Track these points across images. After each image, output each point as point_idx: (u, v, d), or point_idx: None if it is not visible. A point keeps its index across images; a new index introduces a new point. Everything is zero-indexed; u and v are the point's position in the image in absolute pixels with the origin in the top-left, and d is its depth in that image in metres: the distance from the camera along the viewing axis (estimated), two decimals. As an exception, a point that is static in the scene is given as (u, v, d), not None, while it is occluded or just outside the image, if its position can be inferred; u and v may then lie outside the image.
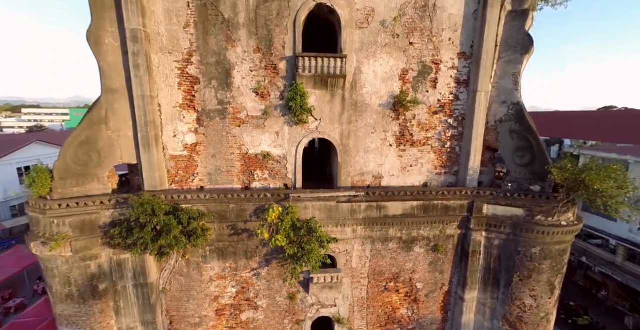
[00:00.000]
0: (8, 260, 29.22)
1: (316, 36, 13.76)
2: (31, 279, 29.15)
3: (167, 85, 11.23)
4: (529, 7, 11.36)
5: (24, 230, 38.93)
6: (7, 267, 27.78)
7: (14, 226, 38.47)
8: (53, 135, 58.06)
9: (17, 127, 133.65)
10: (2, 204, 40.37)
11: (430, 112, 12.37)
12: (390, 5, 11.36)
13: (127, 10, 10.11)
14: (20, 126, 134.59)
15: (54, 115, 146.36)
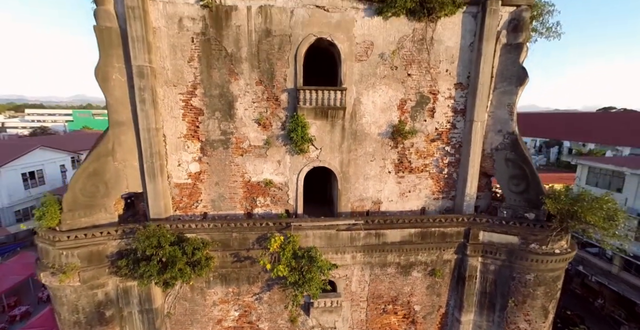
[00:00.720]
0: (13, 267, 29.68)
1: (316, 63, 14.06)
2: (36, 286, 29.65)
3: (171, 116, 11.57)
4: (523, 40, 11.66)
5: (28, 235, 39.36)
6: (12, 275, 28.25)
7: (18, 231, 38.84)
8: (56, 140, 58.60)
9: (20, 127, 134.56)
10: (7, 209, 40.76)
11: (428, 140, 12.69)
12: (388, 38, 11.67)
13: (134, 48, 10.45)
14: (24, 126, 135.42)
15: (57, 116, 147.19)
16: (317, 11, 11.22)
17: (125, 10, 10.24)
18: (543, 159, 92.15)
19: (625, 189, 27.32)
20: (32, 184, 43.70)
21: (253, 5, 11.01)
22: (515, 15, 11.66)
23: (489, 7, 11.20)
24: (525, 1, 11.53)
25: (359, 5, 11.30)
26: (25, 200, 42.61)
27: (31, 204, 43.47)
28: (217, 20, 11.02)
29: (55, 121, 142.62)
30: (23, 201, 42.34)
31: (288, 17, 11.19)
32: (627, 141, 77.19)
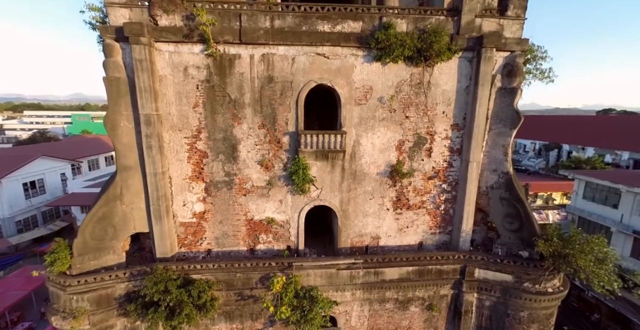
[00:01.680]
0: (16, 282, 29.92)
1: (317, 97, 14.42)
2: (39, 301, 29.92)
3: (177, 159, 11.95)
4: (517, 85, 12.04)
5: (29, 245, 39.61)
6: (15, 290, 28.50)
7: (19, 242, 38.98)
8: (56, 147, 58.77)
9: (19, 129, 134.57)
10: (8, 220, 41.00)
11: (426, 178, 13.08)
12: (387, 83, 12.05)
13: (142, 98, 10.82)
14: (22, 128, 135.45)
15: (55, 117, 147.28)
16: (317, 58, 11.59)
17: (133, 63, 10.58)
18: (542, 163, 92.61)
19: (620, 206, 27.72)
20: (33, 194, 43.98)
21: (256, 53, 11.38)
22: (510, 60, 12.04)
23: (484, 54, 11.58)
24: (519, 47, 11.90)
25: (358, 52, 11.67)
26: (27, 210, 42.88)
27: (32, 214, 43.81)
28: (221, 68, 11.38)
29: (54, 123, 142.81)
30: (24, 211, 42.60)
31: (290, 64, 11.56)
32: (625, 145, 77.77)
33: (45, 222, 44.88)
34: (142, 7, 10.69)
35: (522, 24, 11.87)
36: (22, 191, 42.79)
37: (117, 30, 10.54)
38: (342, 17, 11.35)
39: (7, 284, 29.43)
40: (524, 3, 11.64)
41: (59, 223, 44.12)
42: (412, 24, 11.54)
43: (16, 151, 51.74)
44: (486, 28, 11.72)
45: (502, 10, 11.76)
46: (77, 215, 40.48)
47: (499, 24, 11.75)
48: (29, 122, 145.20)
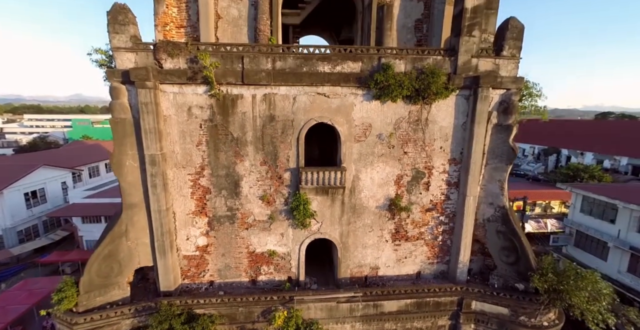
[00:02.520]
0: (18, 295, 30.06)
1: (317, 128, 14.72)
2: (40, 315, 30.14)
3: (180, 195, 12.24)
4: (512, 122, 12.34)
5: (30, 254, 39.69)
6: (17, 304, 28.69)
7: (21, 252, 39.10)
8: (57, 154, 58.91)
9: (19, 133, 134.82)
10: (10, 230, 41.20)
11: (424, 210, 13.37)
12: (386, 120, 12.35)
13: (147, 139, 11.11)
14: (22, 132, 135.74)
15: (55, 121, 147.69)
16: (318, 98, 11.89)
17: (138, 105, 10.88)
18: (541, 167, 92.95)
19: (618, 221, 27.99)
20: (34, 203, 44.22)
21: (258, 93, 11.67)
22: (505, 98, 12.34)
23: (480, 94, 11.88)
24: (515, 85, 12.20)
25: (358, 92, 11.97)
26: (28, 219, 43.10)
27: (33, 223, 44.01)
28: (224, 108, 11.68)
29: (53, 126, 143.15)
30: (25, 221, 42.83)
31: (291, 103, 11.86)
32: (624, 151, 77.94)
33: (46, 232, 45.13)
34: (148, 51, 10.98)
35: (517, 63, 12.17)
36: (24, 201, 43.05)
37: (124, 73, 10.84)
38: (342, 58, 11.64)
39: (9, 297, 29.56)
40: (518, 44, 11.94)
41: (60, 232, 44.35)
42: (410, 64, 11.84)
43: (17, 160, 51.93)
44: (482, 67, 12.02)
45: (497, 50, 12.06)
46: (79, 225, 40.77)
47: (494, 64, 12.05)
48: (29, 126, 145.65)
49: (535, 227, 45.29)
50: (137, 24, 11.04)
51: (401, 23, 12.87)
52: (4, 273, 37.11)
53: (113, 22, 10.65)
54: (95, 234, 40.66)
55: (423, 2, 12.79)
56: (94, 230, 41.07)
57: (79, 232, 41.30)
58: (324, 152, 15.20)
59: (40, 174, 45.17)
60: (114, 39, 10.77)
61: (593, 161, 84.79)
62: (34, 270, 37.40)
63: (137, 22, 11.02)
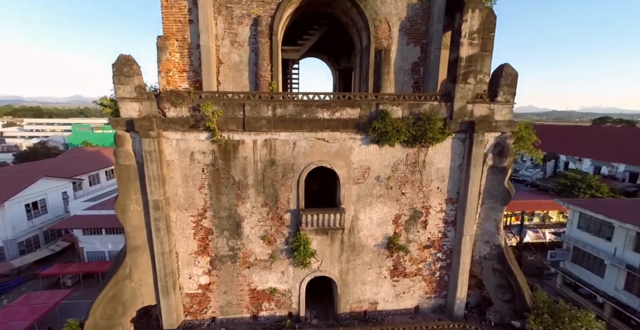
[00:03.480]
0: (19, 311, 30.25)
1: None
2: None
3: (183, 236, 12.53)
4: (507, 165, 12.65)
5: (30, 266, 39.78)
6: (19, 320, 28.89)
7: (21, 264, 39.19)
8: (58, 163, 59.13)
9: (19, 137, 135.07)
10: (11, 242, 41.39)
11: (421, 248, 13.67)
12: (384, 163, 12.66)
13: (150, 185, 11.42)
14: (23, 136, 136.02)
15: (55, 125, 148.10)
16: (317, 142, 12.20)
17: (142, 154, 11.18)
18: (540, 173, 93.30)
19: (614, 239, 28.29)
20: (35, 214, 44.54)
21: (259, 139, 11.98)
22: (500, 141, 12.65)
23: (476, 139, 12.19)
24: (509, 129, 12.52)
25: (357, 136, 12.27)
26: (29, 231, 43.38)
27: (34, 234, 44.24)
28: (226, 153, 11.98)
29: (53, 130, 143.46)
30: (26, 232, 43.11)
31: (291, 148, 12.17)
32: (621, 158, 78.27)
33: (47, 242, 45.37)
34: (151, 100, 11.27)
35: (511, 108, 12.49)
36: (24, 212, 43.37)
37: (128, 123, 11.15)
38: (341, 105, 11.95)
39: (11, 313, 29.76)
40: (512, 90, 12.26)
41: (60, 243, 44.64)
42: (407, 109, 12.15)
43: (18, 170, 52.05)
44: (477, 112, 12.33)
45: (492, 96, 12.38)
46: (79, 237, 41.05)
47: (489, 109, 12.36)
48: (29, 130, 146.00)
49: (534, 237, 45.69)
50: (142, 74, 11.34)
51: (398, 66, 13.17)
52: (4, 286, 37.30)
53: (118, 73, 10.95)
54: (96, 245, 41.07)
55: (420, 46, 13.10)
56: (95, 241, 41.42)
57: (80, 243, 41.59)
58: (323, 186, 15.49)
59: (41, 185, 45.50)
60: (119, 89, 11.08)
61: (591, 168, 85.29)
62: (35, 282, 37.65)
63: (142, 72, 11.32)
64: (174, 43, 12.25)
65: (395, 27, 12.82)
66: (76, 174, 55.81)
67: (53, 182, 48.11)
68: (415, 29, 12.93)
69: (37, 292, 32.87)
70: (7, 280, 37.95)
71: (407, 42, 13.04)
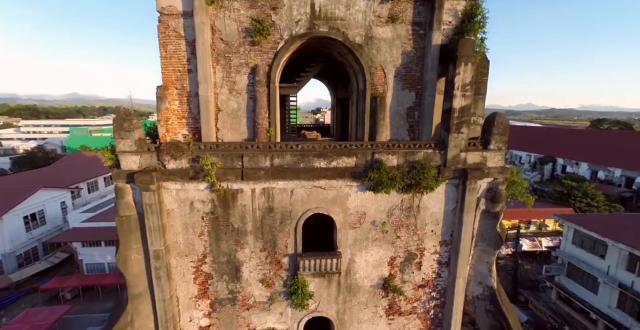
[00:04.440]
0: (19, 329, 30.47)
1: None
2: (42, 348, 30.54)
3: (184, 281, 12.82)
4: (500, 210, 12.98)
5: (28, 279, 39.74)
6: (19, 339, 29.05)
7: (20, 278, 39.16)
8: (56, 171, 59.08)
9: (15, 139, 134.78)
10: (9, 255, 41.32)
11: (416, 287, 14.01)
12: (379, 208, 12.96)
13: (151, 236, 11.69)
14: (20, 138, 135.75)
15: (53, 126, 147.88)
16: (314, 190, 12.48)
17: (143, 206, 11.43)
18: (537, 176, 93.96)
19: (608, 257, 28.76)
20: (33, 226, 44.48)
21: (257, 187, 12.25)
22: (493, 186, 12.97)
23: (469, 186, 12.50)
24: (502, 175, 12.84)
25: (353, 183, 12.56)
26: (27, 243, 43.34)
27: (33, 246, 44.23)
28: (225, 202, 12.25)
29: (51, 132, 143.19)
30: (25, 244, 43.05)
31: (289, 196, 12.45)
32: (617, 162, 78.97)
33: (45, 254, 45.39)
34: (151, 152, 11.52)
35: (503, 155, 12.79)
36: (23, 224, 43.35)
37: (129, 175, 11.40)
38: (337, 154, 12.23)
39: (11, 332, 29.92)
40: (504, 138, 12.57)
41: (59, 254, 44.72)
42: (402, 157, 12.45)
43: (16, 180, 52.03)
44: (470, 160, 12.64)
45: (485, 143, 12.68)
46: (79, 249, 41.19)
47: (482, 156, 12.67)
48: (26, 131, 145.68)
49: (530, 245, 46.22)
50: (141, 127, 11.59)
51: (394, 110, 13.43)
52: (4, 300, 37.35)
53: (118, 128, 11.19)
54: (95, 257, 41.22)
55: (414, 92, 13.35)
56: (94, 253, 41.54)
57: (79, 255, 41.71)
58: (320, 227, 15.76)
59: (40, 196, 45.46)
60: (119, 143, 11.33)
61: (588, 171, 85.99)
62: (34, 296, 37.77)
63: (141, 125, 11.56)
64: (173, 91, 12.46)
65: (390, 73, 13.06)
66: (75, 181, 55.89)
67: (51, 192, 48.10)
68: (410, 75, 13.18)
69: (36, 309, 33.00)
70: (6, 295, 37.93)
71: (402, 88, 13.30)
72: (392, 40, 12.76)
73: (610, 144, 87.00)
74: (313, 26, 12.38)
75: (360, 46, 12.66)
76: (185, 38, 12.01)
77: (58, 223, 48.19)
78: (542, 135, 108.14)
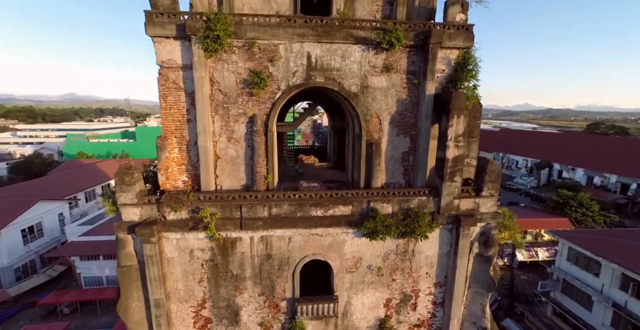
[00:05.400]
0: (20, 352, 30.46)
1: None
2: (43, 367, 30.65)
3: (183, 325, 13.08)
4: (492, 254, 13.31)
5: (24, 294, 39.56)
6: (18, 358, 29.12)
7: (18, 292, 39.05)
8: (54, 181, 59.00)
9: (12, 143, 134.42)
10: (7, 269, 41.18)
11: (412, 327, 14.33)
12: (375, 253, 13.27)
13: (152, 286, 11.95)
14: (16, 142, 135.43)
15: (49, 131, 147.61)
16: (312, 237, 12.78)
17: (144, 258, 11.69)
18: (534, 181, 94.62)
19: (601, 275, 29.12)
20: (31, 238, 44.27)
21: (255, 236, 12.54)
22: (486, 230, 13.32)
23: (462, 232, 12.83)
24: (494, 220, 13.18)
25: (349, 230, 12.87)
26: (25, 256, 43.12)
27: (31, 259, 44.07)
28: (224, 249, 12.52)
29: (47, 136, 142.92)
30: (22, 258, 42.84)
31: (286, 243, 12.74)
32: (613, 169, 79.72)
33: (43, 266, 45.29)
34: (152, 204, 11.78)
35: (496, 201, 13.12)
36: (21, 238, 43.15)
37: (130, 227, 11.65)
38: (334, 203, 12.53)
39: (11, 352, 29.94)
40: (496, 185, 12.90)
41: (57, 267, 44.64)
42: (397, 205, 12.76)
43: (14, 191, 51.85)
44: (464, 206, 12.97)
45: (477, 190, 13.02)
46: (76, 263, 41.22)
47: (475, 203, 13.00)
48: (23, 135, 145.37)
49: (527, 256, 46.52)
50: (142, 180, 11.84)
51: (389, 155, 13.71)
52: (1, 316, 37.27)
53: (120, 183, 11.44)
54: (93, 270, 41.24)
55: (409, 137, 13.63)
56: (92, 267, 41.55)
57: (77, 269, 41.73)
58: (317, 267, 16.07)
59: (37, 209, 45.33)
60: (121, 197, 11.57)
61: (584, 177, 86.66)
62: (32, 311, 37.77)
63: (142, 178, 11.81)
64: (173, 140, 12.70)
65: (385, 121, 13.36)
66: (72, 191, 55.81)
67: (49, 204, 48.04)
68: (404, 121, 13.48)
69: (34, 326, 33.07)
70: (4, 310, 37.87)
71: (397, 133, 13.59)
72: (387, 89, 13.05)
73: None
74: (309, 77, 12.65)
75: (356, 95, 12.95)
76: (184, 90, 12.26)
77: (56, 235, 48.16)
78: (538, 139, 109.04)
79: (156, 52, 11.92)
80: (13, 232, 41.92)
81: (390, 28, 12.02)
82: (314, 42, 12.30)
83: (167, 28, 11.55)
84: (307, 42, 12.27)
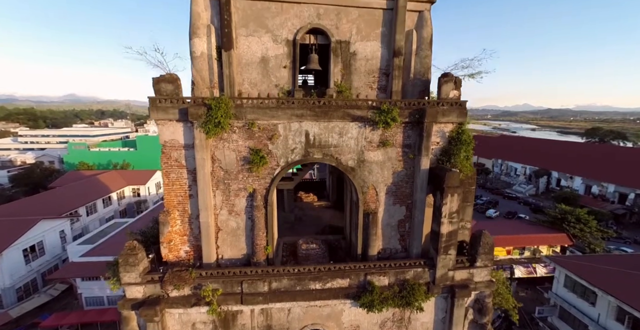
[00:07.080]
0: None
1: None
2: None
3: (186, 392, 13.43)
4: (487, 322, 13.68)
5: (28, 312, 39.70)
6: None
7: (20, 314, 39.12)
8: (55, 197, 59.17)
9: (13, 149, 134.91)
10: (8, 290, 41.27)
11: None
12: (372, 321, 13.65)
13: (155, 361, 12.27)
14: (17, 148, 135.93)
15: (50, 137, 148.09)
16: (310, 308, 13.16)
17: (147, 335, 12.06)
18: (532, 189, 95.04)
19: (598, 305, 29.47)
20: (32, 257, 44.36)
21: (256, 308, 12.90)
22: (480, 297, 13.70)
23: (457, 302, 13.22)
24: (488, 289, 13.56)
25: (346, 301, 13.24)
26: (26, 275, 43.26)
27: (32, 278, 44.24)
28: (225, 322, 12.90)
29: (48, 142, 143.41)
30: (24, 277, 42.95)
31: (286, 314, 13.11)
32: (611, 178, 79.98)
33: (44, 285, 45.51)
34: (155, 283, 12.15)
35: (490, 271, 13.50)
36: (22, 257, 43.26)
37: (133, 306, 12.02)
38: (332, 277, 12.90)
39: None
40: (490, 256, 13.27)
41: (59, 286, 44.95)
42: (393, 277, 13.13)
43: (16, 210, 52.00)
44: (458, 277, 13.34)
45: (471, 261, 13.39)
46: (78, 283, 41.50)
47: (469, 273, 13.37)
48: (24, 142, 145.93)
49: (525, 272, 46.82)
50: (146, 258, 12.20)
51: (385, 222, 14.07)
52: (2, 337, 37.41)
53: (124, 263, 11.81)
54: (95, 290, 41.53)
55: (405, 206, 14.00)
56: (93, 287, 41.82)
57: (78, 289, 42.03)
58: None
59: (39, 228, 45.52)
60: (125, 276, 11.95)
61: (582, 186, 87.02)
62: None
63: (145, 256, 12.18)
64: (175, 214, 13.06)
65: (382, 191, 13.72)
66: (74, 206, 56.08)
67: (51, 222, 48.26)
68: (400, 191, 13.84)
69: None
70: (6, 330, 38.14)
71: (394, 203, 13.95)
72: (384, 162, 13.41)
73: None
74: (308, 153, 13.01)
75: (353, 169, 13.31)
76: (186, 167, 12.62)
77: (57, 252, 48.42)
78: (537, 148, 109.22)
79: (159, 133, 12.29)
80: (15, 252, 42.09)
81: (386, 108, 12.37)
82: (312, 121, 12.66)
83: (169, 112, 11.91)
84: (306, 121, 12.62)
